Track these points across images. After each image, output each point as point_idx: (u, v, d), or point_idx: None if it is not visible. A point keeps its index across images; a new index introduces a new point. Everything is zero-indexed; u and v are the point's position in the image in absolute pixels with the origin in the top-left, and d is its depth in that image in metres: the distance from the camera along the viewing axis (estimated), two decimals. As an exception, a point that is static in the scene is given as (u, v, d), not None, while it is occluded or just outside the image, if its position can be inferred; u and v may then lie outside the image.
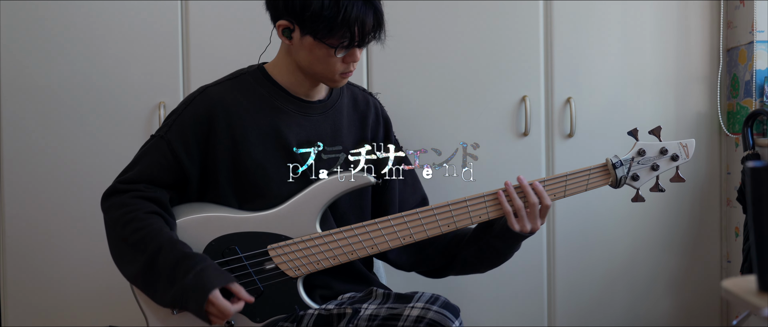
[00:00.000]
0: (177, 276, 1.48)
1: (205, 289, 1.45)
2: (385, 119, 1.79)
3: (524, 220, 1.61)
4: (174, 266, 1.49)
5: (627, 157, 1.63)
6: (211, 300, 1.46)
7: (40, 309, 2.19)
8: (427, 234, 1.61)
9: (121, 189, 1.61)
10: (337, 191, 1.61)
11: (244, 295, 1.51)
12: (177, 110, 1.64)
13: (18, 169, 2.17)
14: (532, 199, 1.60)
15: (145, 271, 1.51)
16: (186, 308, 1.48)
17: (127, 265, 1.55)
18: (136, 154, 1.66)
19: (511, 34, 2.25)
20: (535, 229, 1.63)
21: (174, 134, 1.61)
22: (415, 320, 1.48)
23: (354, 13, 1.51)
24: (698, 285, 2.36)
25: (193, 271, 1.47)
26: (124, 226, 1.54)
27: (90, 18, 2.17)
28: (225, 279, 1.50)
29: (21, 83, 2.16)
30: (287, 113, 1.64)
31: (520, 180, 1.62)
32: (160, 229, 1.53)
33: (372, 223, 1.60)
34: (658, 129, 1.64)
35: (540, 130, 2.27)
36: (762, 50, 2.19)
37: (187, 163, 1.61)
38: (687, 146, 1.65)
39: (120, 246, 1.56)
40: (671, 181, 1.67)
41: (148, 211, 1.55)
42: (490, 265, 1.74)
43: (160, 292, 1.51)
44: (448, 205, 1.61)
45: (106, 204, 1.61)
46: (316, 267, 1.60)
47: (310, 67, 1.59)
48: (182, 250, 1.51)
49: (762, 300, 1.00)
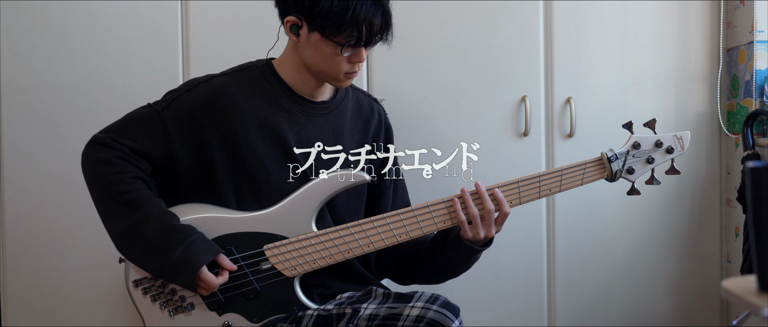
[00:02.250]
0: (165, 247, 1.52)
1: (195, 266, 1.51)
2: (387, 127, 1.79)
3: (478, 227, 1.59)
4: (162, 236, 1.53)
5: (622, 151, 1.63)
6: (200, 275, 1.52)
7: (40, 309, 2.19)
8: (422, 231, 1.61)
9: (110, 144, 1.61)
10: (331, 190, 1.61)
11: (227, 264, 1.56)
12: (178, 90, 1.65)
13: (18, 169, 2.16)
14: (488, 206, 1.58)
15: (130, 231, 1.54)
16: (175, 281, 1.54)
17: (114, 220, 1.57)
18: (128, 116, 1.65)
19: (511, 34, 2.25)
20: (489, 237, 1.60)
21: (170, 114, 1.61)
22: (415, 320, 1.48)
23: (363, 13, 1.51)
24: (698, 285, 2.36)
25: (182, 245, 1.52)
26: (112, 184, 1.57)
27: (90, 18, 2.17)
28: (212, 252, 1.55)
29: (21, 83, 2.16)
30: (289, 111, 1.64)
31: (477, 186, 1.59)
32: (148, 196, 1.57)
33: (368, 222, 1.60)
34: (653, 122, 1.64)
35: (540, 130, 2.27)
36: (762, 50, 2.19)
37: (177, 146, 1.60)
38: (682, 138, 1.65)
39: (106, 201, 1.58)
40: (666, 173, 1.67)
41: (134, 176, 1.58)
42: (445, 277, 1.73)
43: (142, 257, 1.55)
44: (442, 201, 1.61)
45: (93, 155, 1.61)
46: (312, 266, 1.60)
47: (315, 65, 1.60)
48: (170, 222, 1.55)
49: (762, 300, 1.00)
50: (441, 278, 1.75)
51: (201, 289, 1.55)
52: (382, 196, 1.76)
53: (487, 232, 1.59)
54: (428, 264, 1.71)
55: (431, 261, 1.70)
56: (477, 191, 1.59)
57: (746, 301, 1.02)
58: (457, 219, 1.58)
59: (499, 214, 1.59)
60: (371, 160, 1.70)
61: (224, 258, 1.56)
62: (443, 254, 1.66)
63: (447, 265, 1.69)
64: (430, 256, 1.70)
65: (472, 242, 1.61)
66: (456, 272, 1.72)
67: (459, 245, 1.62)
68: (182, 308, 1.59)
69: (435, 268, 1.71)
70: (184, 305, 1.59)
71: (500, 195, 1.59)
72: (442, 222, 1.60)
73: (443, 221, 1.60)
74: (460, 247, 1.63)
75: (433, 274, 1.73)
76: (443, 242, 1.67)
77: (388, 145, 1.77)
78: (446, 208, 1.60)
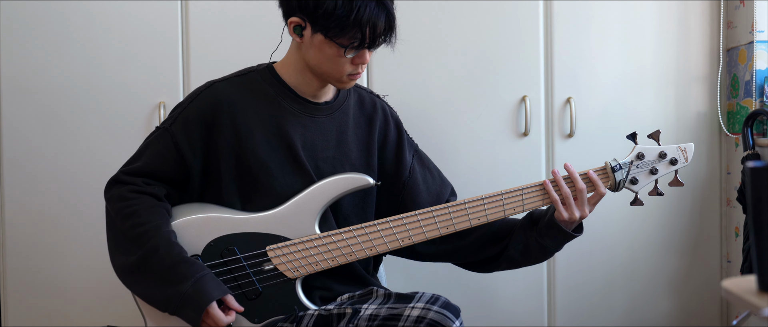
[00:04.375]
0: (172, 279, 1.50)
1: (204, 301, 1.48)
2: (396, 120, 1.78)
3: (572, 207, 1.60)
4: (169, 268, 1.50)
5: (626, 161, 1.63)
6: (209, 311, 1.49)
7: (40, 309, 2.19)
8: (425, 236, 1.61)
9: (123, 180, 1.63)
10: (335, 193, 1.61)
11: (235, 305, 1.54)
12: (183, 103, 1.66)
13: (18, 169, 2.17)
14: (580, 186, 1.60)
15: (138, 264, 1.53)
16: (180, 314, 1.51)
17: (121, 256, 1.56)
18: (141, 145, 1.67)
19: (511, 34, 2.25)
20: (583, 217, 1.61)
21: (178, 127, 1.62)
22: (415, 320, 1.48)
23: (366, 14, 1.51)
24: (698, 285, 2.36)
25: (192, 279, 1.49)
26: (124, 220, 1.56)
27: (90, 18, 2.17)
28: (222, 290, 1.52)
29: (21, 83, 2.16)
30: (293, 113, 1.64)
31: (567, 167, 1.61)
32: (158, 227, 1.54)
33: (371, 225, 1.60)
34: (657, 133, 1.64)
35: (540, 130, 2.27)
36: (762, 50, 2.19)
37: (189, 156, 1.61)
38: (686, 150, 1.64)
39: (117, 238, 1.59)
40: (670, 185, 1.67)
41: (148, 207, 1.57)
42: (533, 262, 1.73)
43: (149, 288, 1.53)
44: (446, 207, 1.61)
45: (109, 194, 1.63)
46: (314, 268, 1.60)
47: (318, 66, 1.60)
48: (179, 254, 1.52)
49: (762, 300, 1.00)
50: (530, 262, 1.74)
51: (207, 325, 1.53)
52: (411, 191, 1.74)
53: (581, 211, 1.60)
54: (520, 251, 1.69)
55: (524, 248, 1.68)
56: (568, 173, 1.61)
57: (746, 301, 1.02)
58: (550, 198, 1.60)
59: (594, 195, 1.62)
60: (385, 165, 1.71)
61: (232, 299, 1.55)
62: (536, 242, 1.65)
63: (540, 254, 1.68)
64: (521, 244, 1.68)
65: (565, 225, 1.62)
66: (542, 259, 1.72)
67: (550, 229, 1.62)
68: (183, 308, 1.59)
69: (525, 256, 1.69)
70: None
71: (594, 176, 1.61)
72: (477, 218, 1.61)
73: (478, 218, 1.61)
74: (553, 232, 1.63)
75: (520, 262, 1.72)
76: (533, 230, 1.66)
77: (401, 138, 1.76)
78: (538, 190, 1.62)
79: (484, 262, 1.76)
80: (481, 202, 1.61)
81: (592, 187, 1.62)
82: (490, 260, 1.74)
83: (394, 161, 1.74)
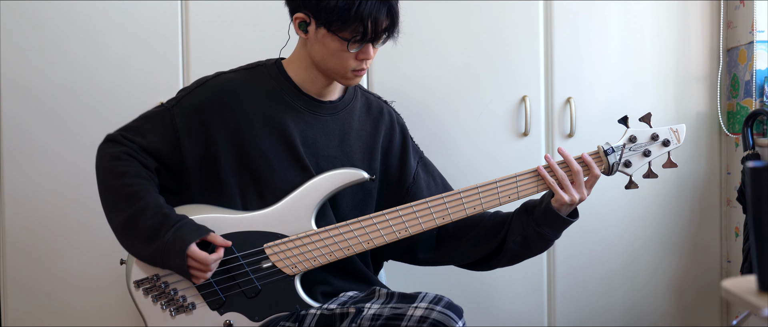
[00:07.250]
0: (157, 234, 1.53)
1: (184, 244, 1.51)
2: (401, 126, 1.79)
3: (569, 189, 1.60)
4: (155, 226, 1.54)
5: (618, 144, 1.64)
6: (190, 254, 1.52)
7: (40, 309, 2.19)
8: (421, 227, 1.61)
9: (121, 141, 1.65)
10: (331, 188, 1.62)
11: (220, 241, 1.56)
12: (188, 88, 1.68)
13: (18, 169, 2.16)
14: (576, 168, 1.60)
15: (128, 222, 1.56)
16: (168, 265, 1.54)
17: (114, 213, 1.60)
18: (141, 115, 1.70)
19: (511, 34, 2.25)
20: (583, 198, 1.61)
21: (179, 110, 1.64)
22: (418, 320, 1.48)
23: (368, 8, 1.53)
24: (698, 285, 2.36)
25: (173, 228, 1.53)
26: (116, 178, 1.60)
27: (90, 18, 2.17)
28: (202, 231, 1.55)
29: (21, 83, 2.16)
30: (296, 110, 1.65)
31: (561, 151, 1.62)
32: (148, 190, 1.58)
33: (367, 218, 1.61)
34: (649, 115, 1.64)
35: (540, 130, 2.27)
36: (762, 50, 2.19)
37: (185, 140, 1.63)
38: (678, 131, 1.65)
39: (110, 194, 1.62)
40: (664, 166, 1.67)
41: (138, 172, 1.61)
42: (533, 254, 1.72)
43: (138, 247, 1.57)
44: (441, 197, 1.62)
45: (104, 150, 1.66)
46: (312, 264, 1.60)
47: (323, 61, 1.61)
48: (164, 212, 1.56)
49: (762, 300, 1.00)
50: (530, 254, 1.72)
51: (195, 270, 1.54)
52: (416, 197, 1.73)
53: (580, 193, 1.60)
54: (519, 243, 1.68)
55: (522, 239, 1.66)
56: (562, 156, 1.62)
57: (746, 301, 1.02)
58: (547, 183, 1.60)
59: (590, 177, 1.61)
60: (389, 170, 1.72)
61: (216, 235, 1.57)
62: (534, 231, 1.64)
63: (540, 243, 1.67)
64: (519, 236, 1.67)
65: (562, 210, 1.61)
66: (542, 248, 1.70)
67: (547, 216, 1.61)
68: (184, 308, 1.60)
69: (525, 247, 1.68)
70: (185, 305, 1.60)
71: (589, 159, 1.62)
72: (473, 207, 1.60)
73: (473, 207, 1.61)
74: (550, 218, 1.62)
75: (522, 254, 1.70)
76: (529, 219, 1.65)
77: (406, 144, 1.77)
78: (533, 177, 1.61)
79: (484, 260, 1.76)
80: (476, 191, 1.62)
81: (587, 170, 1.62)
82: (490, 257, 1.74)
83: (398, 167, 1.75)
